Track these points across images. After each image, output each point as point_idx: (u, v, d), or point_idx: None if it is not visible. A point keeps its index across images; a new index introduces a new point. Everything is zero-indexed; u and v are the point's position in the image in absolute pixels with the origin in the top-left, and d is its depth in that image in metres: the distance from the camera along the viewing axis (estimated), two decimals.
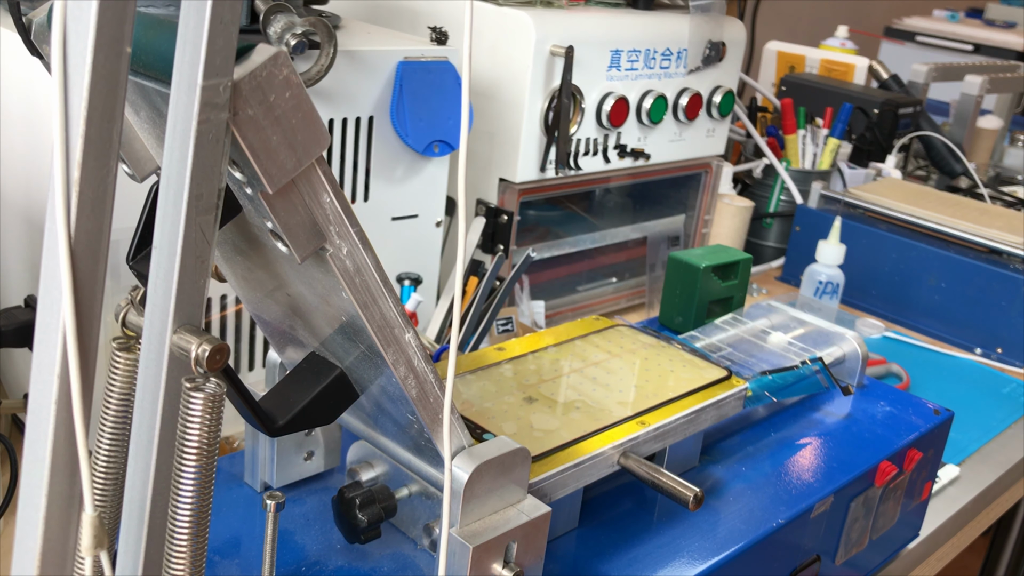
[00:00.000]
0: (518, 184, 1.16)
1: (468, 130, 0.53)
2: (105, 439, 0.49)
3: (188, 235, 0.41)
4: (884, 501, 0.84)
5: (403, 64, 0.96)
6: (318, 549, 0.62)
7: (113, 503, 0.49)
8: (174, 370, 0.43)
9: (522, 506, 0.57)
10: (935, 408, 0.89)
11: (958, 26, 2.84)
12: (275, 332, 0.61)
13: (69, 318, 0.40)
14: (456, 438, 0.55)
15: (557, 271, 1.35)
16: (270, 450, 0.66)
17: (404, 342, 0.52)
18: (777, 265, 1.66)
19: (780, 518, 0.71)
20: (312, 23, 0.81)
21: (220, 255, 0.57)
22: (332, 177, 0.47)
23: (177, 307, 0.42)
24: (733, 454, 0.79)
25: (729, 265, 0.99)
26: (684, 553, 0.66)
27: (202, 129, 0.40)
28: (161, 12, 0.46)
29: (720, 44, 1.31)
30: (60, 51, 0.39)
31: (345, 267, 0.49)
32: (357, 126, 0.96)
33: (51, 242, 0.41)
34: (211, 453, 0.44)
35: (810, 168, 1.70)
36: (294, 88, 0.43)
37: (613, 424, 0.68)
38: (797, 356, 0.86)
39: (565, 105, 1.14)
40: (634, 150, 1.27)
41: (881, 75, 2.02)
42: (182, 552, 0.44)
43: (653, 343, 0.82)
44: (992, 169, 2.24)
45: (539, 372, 0.75)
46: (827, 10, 2.87)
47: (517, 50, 1.11)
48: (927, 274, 1.43)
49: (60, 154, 0.39)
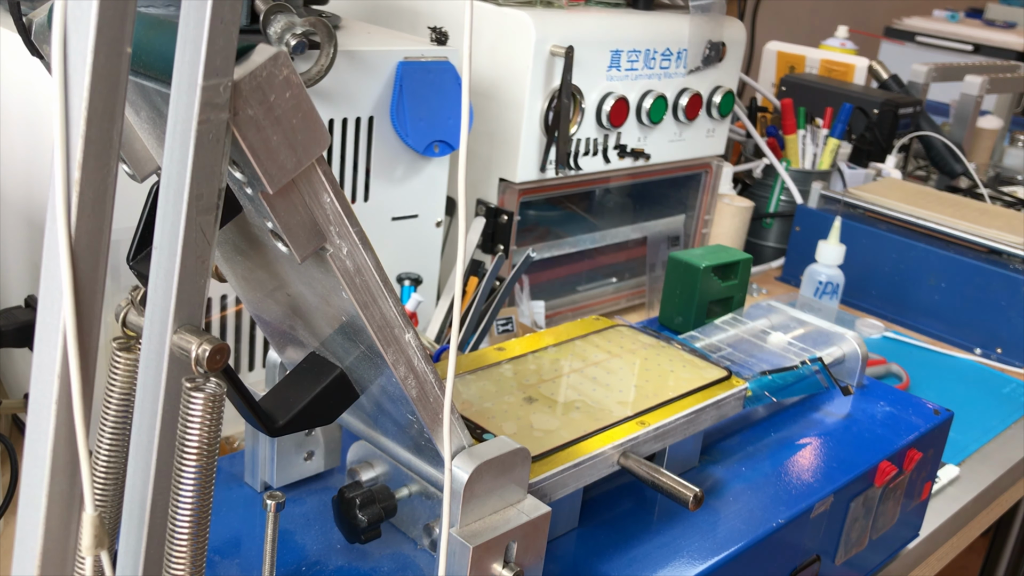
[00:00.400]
0: (518, 184, 1.16)
1: (468, 130, 0.53)
2: (105, 439, 0.49)
3: (188, 235, 0.41)
4: (884, 501, 0.84)
5: (403, 64, 0.96)
6: (318, 549, 0.62)
7: (113, 503, 0.49)
8: (174, 370, 0.43)
9: (522, 506, 0.57)
10: (935, 408, 0.89)
11: (958, 26, 2.84)
12: (275, 332, 0.61)
13: (69, 318, 0.41)
14: (456, 438, 0.55)
15: (557, 271, 1.35)
16: (270, 450, 0.66)
17: (404, 342, 0.52)
18: (777, 265, 1.66)
19: (780, 518, 0.71)
20: (312, 23, 0.81)
21: (220, 255, 0.57)
22: (332, 177, 0.47)
23: (177, 307, 0.42)
24: (733, 454, 0.79)
25: (729, 265, 0.99)
26: (684, 553, 0.66)
27: (202, 129, 0.40)
28: (161, 12, 0.47)
29: (720, 44, 1.31)
30: (60, 51, 0.39)
31: (345, 267, 0.49)
32: (357, 126, 0.96)
33: (51, 242, 0.41)
34: (211, 453, 0.44)
35: (810, 168, 1.70)
36: (294, 88, 0.43)
37: (613, 424, 0.68)
38: (797, 356, 0.86)
39: (565, 105, 1.14)
40: (634, 150, 1.27)
41: (881, 75, 2.02)
42: (182, 552, 0.44)
43: (653, 343, 0.82)
44: (992, 169, 2.24)
45: (539, 372, 0.75)
46: (827, 10, 2.87)
47: (517, 50, 1.11)
48: (927, 274, 1.43)
49: (60, 154, 0.39)
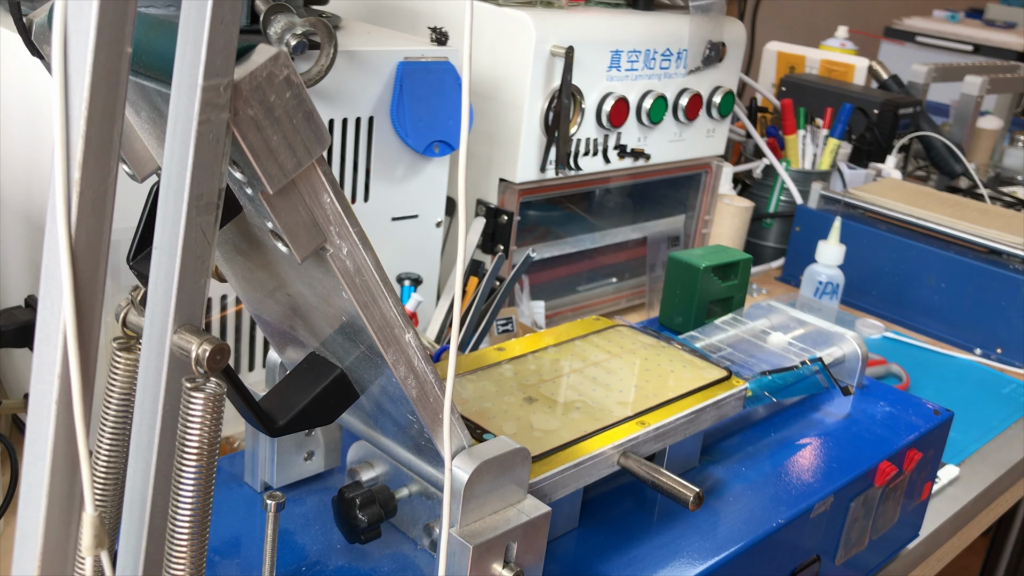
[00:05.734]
0: (518, 184, 1.16)
1: (468, 130, 0.53)
2: (105, 439, 0.49)
3: (188, 235, 0.41)
4: (884, 501, 0.84)
5: (403, 64, 0.96)
6: (318, 549, 0.62)
7: (113, 503, 0.49)
8: (174, 370, 0.43)
9: (522, 506, 0.57)
10: (935, 408, 0.89)
11: (958, 26, 2.84)
12: (275, 332, 0.62)
13: (69, 318, 0.41)
14: (456, 438, 0.55)
15: (557, 271, 1.35)
16: (270, 450, 0.66)
17: (404, 342, 0.52)
18: (777, 265, 1.66)
19: (780, 518, 0.71)
20: (312, 23, 0.81)
21: (220, 255, 0.57)
22: (332, 177, 0.47)
23: (177, 307, 0.42)
24: (733, 454, 0.79)
25: (729, 265, 0.99)
26: (684, 553, 0.66)
27: (202, 129, 0.40)
28: (161, 12, 0.47)
29: (720, 44, 1.31)
30: (61, 51, 0.39)
31: (345, 267, 0.49)
32: (357, 126, 0.96)
33: (51, 242, 0.41)
34: (211, 453, 0.44)
35: (810, 168, 1.70)
36: (294, 88, 0.43)
37: (613, 424, 0.68)
38: (797, 356, 0.86)
39: (565, 105, 1.14)
40: (634, 150, 1.27)
41: (881, 75, 2.02)
42: (182, 552, 0.44)
43: (653, 343, 0.82)
44: (992, 169, 2.24)
45: (539, 372, 0.75)
46: (827, 10, 2.87)
47: (517, 50, 1.11)
48: (927, 274, 1.43)
49: (60, 154, 0.39)
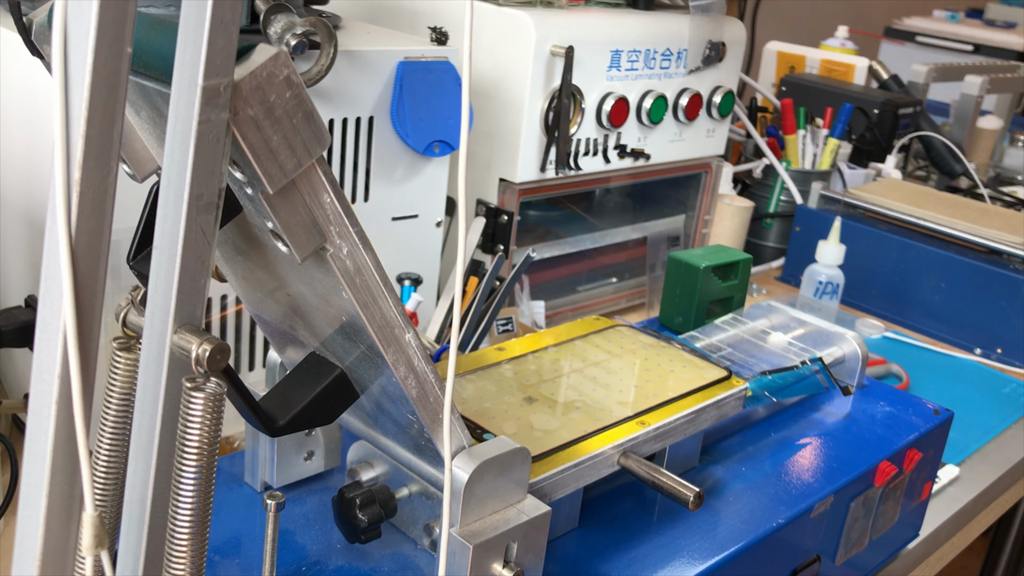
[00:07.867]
0: (518, 184, 1.16)
1: (468, 130, 0.53)
2: (105, 439, 0.49)
3: (188, 235, 0.41)
4: (884, 501, 0.84)
5: (403, 64, 0.96)
6: (318, 549, 0.62)
7: (113, 503, 0.49)
8: (174, 370, 0.43)
9: (522, 506, 0.57)
10: (935, 408, 0.89)
11: (958, 26, 2.84)
12: (275, 332, 0.62)
13: (70, 318, 0.41)
14: (456, 438, 0.55)
15: (557, 271, 1.35)
16: (270, 450, 0.66)
17: (404, 342, 0.52)
18: (777, 265, 1.66)
19: (780, 518, 0.71)
20: (312, 23, 0.81)
21: (220, 255, 0.57)
22: (332, 177, 0.47)
23: (177, 307, 0.42)
24: (733, 454, 0.79)
25: (729, 265, 0.99)
26: (684, 553, 0.66)
27: (202, 129, 0.40)
28: (161, 12, 0.47)
29: (720, 44, 1.31)
30: (61, 51, 0.39)
31: (345, 267, 0.49)
32: (357, 126, 0.96)
33: (52, 242, 0.41)
34: (211, 453, 0.44)
35: (810, 168, 1.70)
36: (294, 88, 0.43)
37: (613, 424, 0.68)
38: (797, 356, 0.86)
39: (565, 105, 1.14)
40: (634, 150, 1.27)
41: (881, 75, 2.02)
42: (182, 552, 0.44)
43: (653, 343, 0.82)
44: (992, 169, 2.24)
45: (539, 372, 0.75)
46: (827, 10, 2.87)
47: (517, 50, 1.11)
48: (927, 274, 1.43)
49: (61, 154, 0.39)
